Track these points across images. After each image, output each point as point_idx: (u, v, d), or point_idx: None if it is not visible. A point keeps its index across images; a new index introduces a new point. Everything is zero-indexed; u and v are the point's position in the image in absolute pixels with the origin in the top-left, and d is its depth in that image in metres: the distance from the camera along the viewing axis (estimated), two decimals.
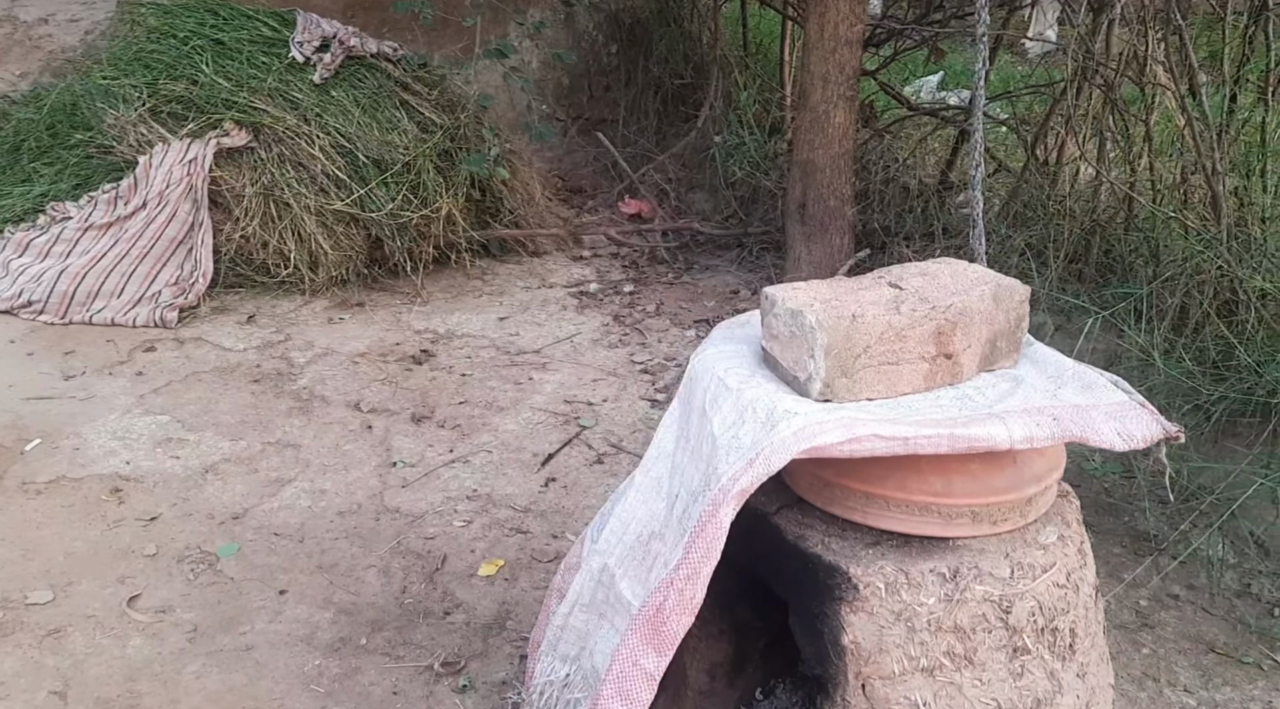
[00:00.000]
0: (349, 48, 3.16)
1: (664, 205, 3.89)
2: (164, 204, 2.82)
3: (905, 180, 3.30)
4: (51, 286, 2.72)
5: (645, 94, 4.31)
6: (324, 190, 2.95)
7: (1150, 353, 2.00)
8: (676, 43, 4.24)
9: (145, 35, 3.15)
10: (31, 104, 3.55)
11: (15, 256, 2.80)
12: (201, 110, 2.95)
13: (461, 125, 3.15)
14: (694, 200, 3.97)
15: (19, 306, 2.71)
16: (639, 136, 4.28)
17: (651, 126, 4.30)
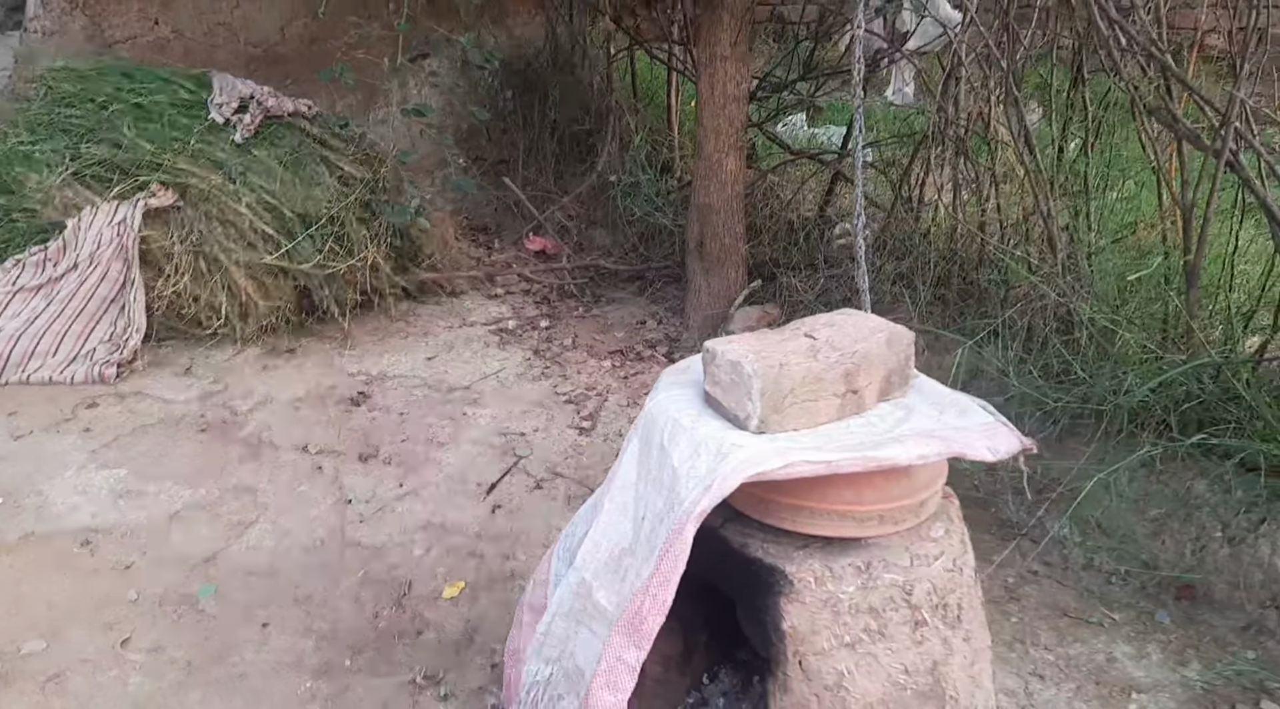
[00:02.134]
0: (266, 108, 3.31)
1: (567, 241, 4.15)
2: (95, 265, 2.91)
3: (789, 216, 3.67)
4: None
5: (543, 137, 4.56)
6: (252, 245, 3.09)
7: (1005, 370, 2.39)
8: (571, 89, 4.51)
9: (62, 100, 3.21)
10: None
11: None
12: (126, 173, 3.05)
13: (380, 178, 3.33)
14: (595, 236, 4.25)
15: None
16: (539, 177, 4.54)
17: (550, 167, 4.55)
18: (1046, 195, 2.34)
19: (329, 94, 4.37)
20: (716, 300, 3.29)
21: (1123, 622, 1.97)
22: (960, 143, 2.69)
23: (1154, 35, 1.94)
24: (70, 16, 3.83)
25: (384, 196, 3.36)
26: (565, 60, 4.49)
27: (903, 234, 3.10)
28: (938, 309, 2.93)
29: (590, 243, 4.19)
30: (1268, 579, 1.87)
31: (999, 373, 2.38)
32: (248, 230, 3.10)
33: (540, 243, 4.15)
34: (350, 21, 4.31)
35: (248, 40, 4.12)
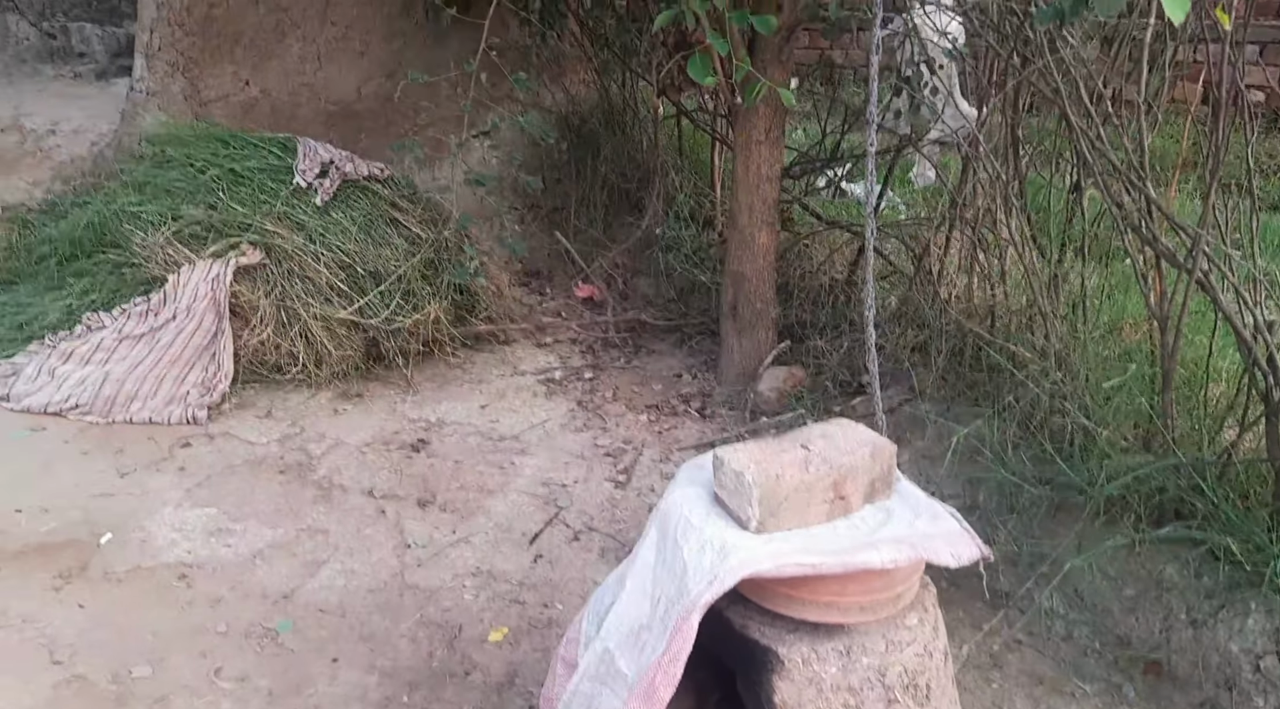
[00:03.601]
0: (344, 173, 3.65)
1: (612, 289, 4.44)
2: (191, 316, 3.27)
3: (819, 279, 3.91)
4: (96, 391, 3.14)
5: (593, 189, 4.86)
6: (328, 300, 3.43)
7: (1003, 448, 2.61)
8: (621, 146, 4.81)
9: (166, 163, 3.59)
10: (49, 213, 3.96)
11: (60, 364, 3.21)
12: (221, 233, 3.41)
13: (443, 238, 3.65)
14: (638, 285, 4.53)
15: (68, 409, 3.12)
16: (589, 226, 4.83)
17: (599, 218, 4.84)
18: (1043, 295, 2.56)
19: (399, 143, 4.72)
20: (747, 359, 3.55)
21: (1093, 693, 2.18)
22: (973, 233, 2.92)
23: (1135, 162, 2.17)
24: (171, 78, 4.23)
25: (446, 255, 3.68)
26: (616, 119, 4.79)
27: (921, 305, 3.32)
28: (950, 378, 3.16)
29: (634, 291, 4.48)
30: (1223, 661, 2.07)
31: (996, 453, 2.60)
32: (325, 286, 3.44)
33: (588, 290, 4.44)
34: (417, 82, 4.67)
35: (327, 99, 4.48)
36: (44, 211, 3.99)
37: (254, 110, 4.38)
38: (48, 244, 3.69)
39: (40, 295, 3.56)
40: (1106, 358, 2.50)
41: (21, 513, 2.67)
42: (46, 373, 3.21)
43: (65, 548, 2.56)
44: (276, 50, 4.34)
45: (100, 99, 4.97)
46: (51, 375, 3.20)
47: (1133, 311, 2.81)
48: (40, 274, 3.65)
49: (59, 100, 4.85)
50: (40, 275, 3.65)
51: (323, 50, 4.42)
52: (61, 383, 3.19)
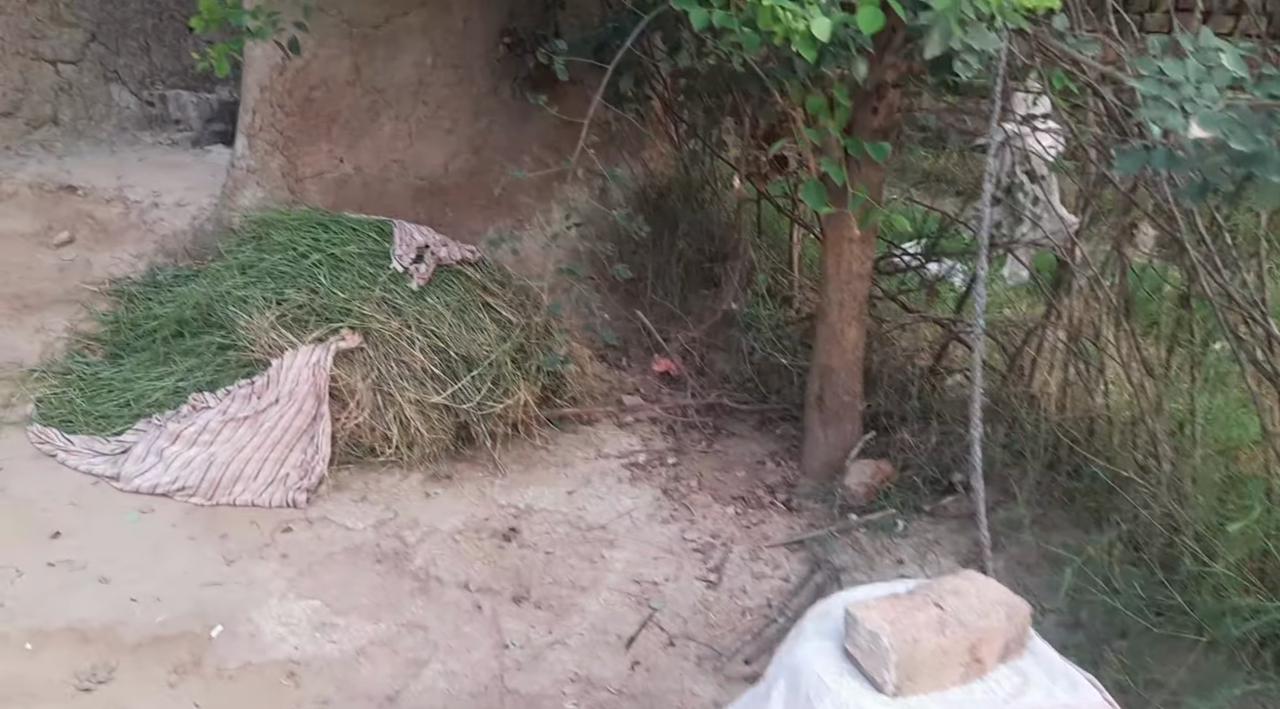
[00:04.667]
0: (439, 258, 3.75)
1: (689, 363, 4.48)
2: (293, 400, 3.36)
3: (902, 365, 3.91)
4: (203, 474, 3.24)
5: (670, 262, 4.92)
6: (422, 383, 3.51)
7: (1106, 565, 2.58)
8: (698, 221, 4.87)
9: (270, 246, 3.71)
10: (153, 286, 4.12)
11: (168, 445, 3.32)
12: (322, 317, 3.52)
13: (532, 323, 3.72)
14: (715, 361, 4.57)
15: (175, 490, 3.23)
16: (665, 299, 4.89)
17: (676, 291, 4.90)
18: (1151, 414, 2.54)
19: (483, 217, 4.84)
20: (833, 450, 3.55)
21: None
22: (1071, 340, 2.91)
23: (1256, 298, 2.16)
24: (271, 156, 4.38)
25: (535, 338, 3.75)
26: (694, 195, 4.85)
27: (1014, 406, 3.31)
28: (1043, 480, 3.13)
29: (710, 367, 4.51)
30: None
31: (1101, 572, 2.58)
32: (419, 371, 3.52)
33: (665, 364, 4.49)
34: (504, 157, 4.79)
35: (416, 175, 4.61)
36: (148, 285, 4.14)
37: (347, 186, 4.51)
38: (154, 320, 3.82)
39: (146, 371, 3.68)
40: (1219, 484, 2.47)
41: (137, 602, 2.75)
42: (154, 453, 3.32)
43: (179, 640, 2.64)
44: (370, 129, 4.48)
45: (197, 168, 5.16)
46: (159, 456, 3.31)
47: (1248, 436, 2.78)
48: (146, 349, 3.78)
49: (159, 170, 5.04)
50: (146, 351, 3.78)
51: (414, 129, 4.55)
52: (169, 464, 3.29)
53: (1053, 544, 2.94)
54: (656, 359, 4.53)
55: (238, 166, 4.44)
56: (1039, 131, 2.94)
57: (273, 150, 4.40)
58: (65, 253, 4.36)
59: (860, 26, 1.84)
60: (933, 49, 1.72)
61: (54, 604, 2.70)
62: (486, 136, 4.72)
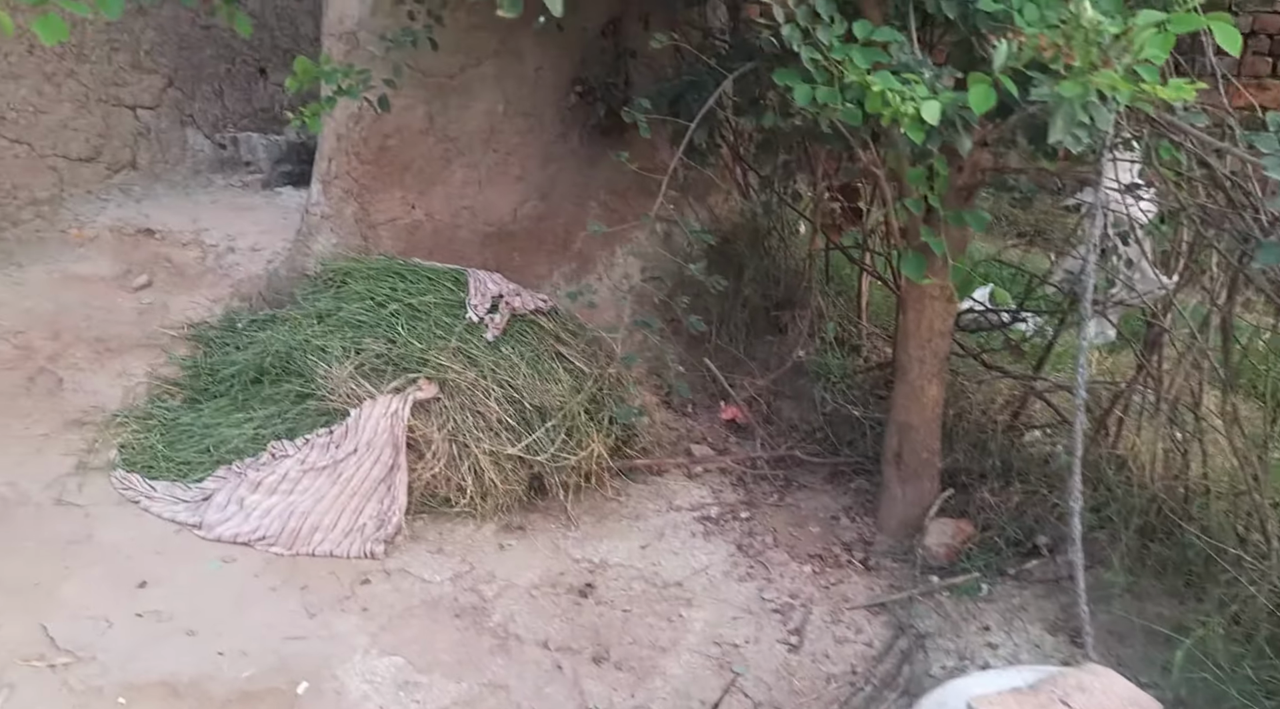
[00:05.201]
0: (513, 307, 3.78)
1: (755, 410, 4.46)
2: (371, 450, 3.39)
3: (981, 421, 3.86)
4: (283, 523, 3.27)
5: (735, 308, 4.91)
6: (497, 434, 3.52)
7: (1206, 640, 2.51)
8: (764, 267, 4.86)
9: (348, 295, 3.76)
10: (229, 331, 4.19)
11: (249, 494, 3.36)
12: (399, 367, 3.55)
13: (605, 373, 3.73)
14: (782, 408, 4.54)
15: (256, 540, 3.26)
16: (730, 345, 4.87)
17: (741, 337, 4.88)
18: (1257, 483, 2.48)
19: (549, 262, 4.87)
20: (910, 509, 3.50)
21: None
22: (1164, 402, 2.85)
23: None
24: (345, 203, 4.46)
25: (607, 388, 3.75)
26: (761, 241, 4.85)
27: (1102, 468, 3.24)
28: (1134, 545, 3.05)
29: (778, 416, 4.49)
30: None
31: (1204, 649, 2.50)
32: (494, 422, 3.53)
33: (732, 412, 4.46)
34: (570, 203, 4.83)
35: (485, 221, 4.66)
36: (225, 329, 4.22)
37: (418, 232, 4.57)
38: (232, 366, 3.88)
39: (225, 417, 3.74)
40: None
41: (224, 656, 2.77)
42: (235, 502, 3.36)
43: (266, 697, 2.65)
44: (442, 176, 4.54)
45: (268, 211, 5.26)
46: (240, 505, 3.35)
47: None
48: (224, 395, 3.84)
49: (232, 212, 5.14)
50: (224, 397, 3.83)
51: (484, 176, 4.60)
52: (249, 513, 3.33)
53: (1146, 615, 2.87)
54: (723, 407, 4.51)
55: (312, 212, 4.52)
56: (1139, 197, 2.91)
57: (347, 197, 4.47)
58: (144, 296, 4.45)
59: (972, 107, 1.83)
60: (1056, 134, 1.71)
61: (145, 657, 2.72)
62: (554, 183, 4.77)
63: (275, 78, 6.23)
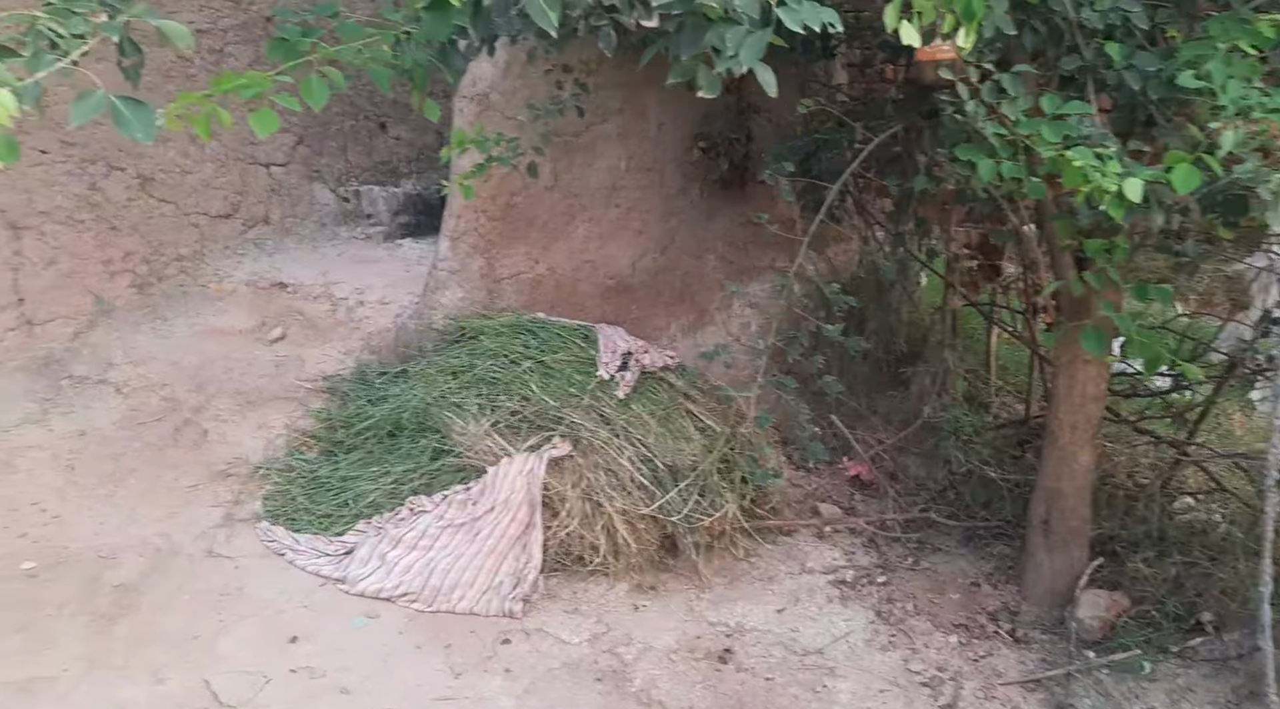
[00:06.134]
0: (642, 365, 3.79)
1: (880, 468, 4.36)
2: (508, 509, 3.42)
3: (1130, 487, 3.70)
4: (424, 580, 3.31)
5: (854, 360, 4.84)
6: (629, 493, 3.52)
7: None
8: (884, 318, 4.79)
9: (482, 353, 3.83)
10: (362, 384, 4.29)
11: (390, 549, 3.42)
12: (534, 425, 3.58)
13: (735, 432, 3.70)
14: (907, 465, 4.44)
15: (398, 596, 3.31)
16: (850, 397, 4.79)
17: (861, 389, 4.80)
18: None
19: (667, 314, 4.88)
20: (1058, 578, 3.37)
21: None
22: None
23: None
24: (471, 258, 4.55)
25: (738, 447, 3.72)
26: (883, 293, 4.78)
27: None
28: None
29: (904, 472, 4.39)
30: None
31: None
32: (627, 480, 3.53)
33: (856, 468, 4.38)
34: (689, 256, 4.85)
35: (605, 274, 4.70)
36: (357, 382, 4.32)
37: (540, 286, 4.64)
38: (367, 420, 3.97)
39: (362, 470, 3.82)
40: None
41: None
42: (377, 557, 3.42)
43: None
44: (565, 231, 4.61)
45: (390, 263, 5.41)
46: (382, 560, 3.40)
47: None
48: (360, 448, 3.93)
49: (357, 265, 5.30)
50: (360, 450, 3.92)
51: (605, 230, 4.66)
52: (391, 568, 3.38)
53: None
54: (846, 462, 4.43)
55: (440, 267, 4.62)
56: None
57: (474, 252, 4.57)
58: (279, 349, 4.60)
59: (1175, 187, 1.77)
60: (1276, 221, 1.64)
61: None
62: (673, 236, 4.79)
63: (394, 132, 6.44)
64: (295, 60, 1.98)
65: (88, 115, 1.74)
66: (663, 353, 3.96)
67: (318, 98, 1.89)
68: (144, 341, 4.49)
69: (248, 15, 5.34)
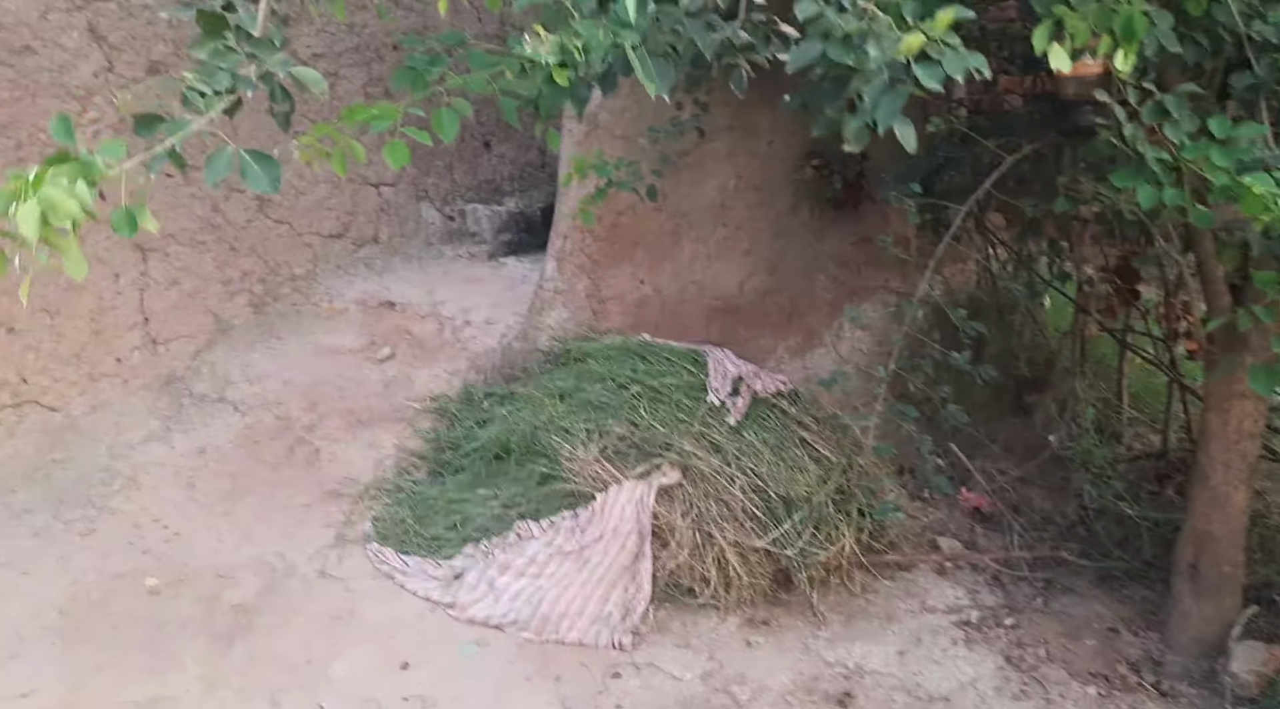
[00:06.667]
0: (754, 390, 3.68)
1: (1003, 500, 4.14)
2: (617, 537, 3.35)
3: None
4: (533, 609, 3.27)
5: (972, 384, 4.61)
6: (741, 524, 3.40)
7: None
8: (1003, 340, 4.56)
9: (588, 375, 3.78)
10: (468, 405, 4.29)
11: (499, 576, 3.38)
12: (642, 451, 3.51)
13: (852, 461, 3.56)
14: (1031, 497, 4.20)
15: (507, 623, 3.27)
16: (968, 426, 4.58)
17: (979, 416, 4.58)
18: None
19: (774, 335, 4.76)
20: (1208, 626, 3.12)
21: None
22: None
23: None
24: (577, 279, 4.52)
25: (853, 477, 3.57)
26: (1005, 316, 4.56)
27: None
28: None
29: (1028, 505, 4.15)
30: None
31: None
32: (739, 511, 3.42)
33: (976, 500, 4.16)
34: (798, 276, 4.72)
35: (712, 295, 4.61)
36: (463, 402, 4.33)
37: (645, 306, 4.57)
38: (474, 442, 3.96)
39: (469, 492, 3.80)
40: None
41: None
42: (486, 583, 3.39)
43: None
44: (671, 251, 4.54)
45: (494, 282, 5.43)
46: (490, 586, 3.37)
47: None
48: (467, 470, 3.92)
49: (462, 284, 5.34)
50: (467, 472, 3.91)
51: (712, 250, 4.57)
52: (500, 595, 3.34)
53: None
54: (964, 493, 4.22)
55: (545, 288, 4.61)
56: None
57: (579, 273, 4.54)
58: (388, 368, 4.65)
59: None
60: None
61: None
62: (782, 256, 4.67)
63: (498, 150, 6.49)
64: (424, 91, 1.95)
65: (221, 174, 1.75)
66: (774, 378, 3.84)
67: (448, 130, 1.86)
68: (260, 360, 4.59)
69: (360, 39, 5.45)
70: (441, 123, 1.86)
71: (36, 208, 1.51)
